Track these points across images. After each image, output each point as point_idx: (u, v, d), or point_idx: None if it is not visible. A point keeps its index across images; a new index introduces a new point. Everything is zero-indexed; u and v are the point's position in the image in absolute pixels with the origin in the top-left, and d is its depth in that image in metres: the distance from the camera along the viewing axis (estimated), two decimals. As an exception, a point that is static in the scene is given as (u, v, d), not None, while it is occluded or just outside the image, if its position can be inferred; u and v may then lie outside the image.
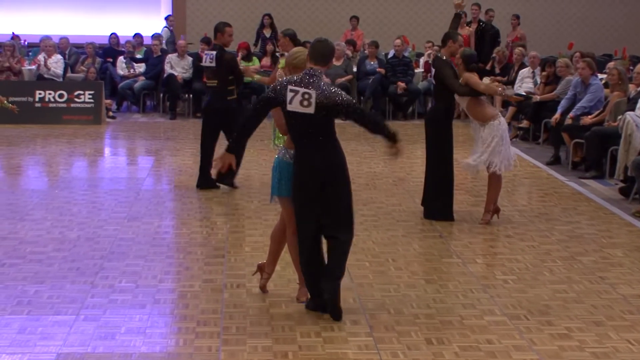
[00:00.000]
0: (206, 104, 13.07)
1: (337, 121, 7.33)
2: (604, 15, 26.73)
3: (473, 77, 10.50)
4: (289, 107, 7.22)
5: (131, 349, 6.75)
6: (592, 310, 7.80)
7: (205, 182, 12.40)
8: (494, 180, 10.75)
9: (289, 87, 7.21)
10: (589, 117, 14.28)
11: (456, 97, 10.73)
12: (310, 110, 7.16)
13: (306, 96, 7.15)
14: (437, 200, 10.88)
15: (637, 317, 7.66)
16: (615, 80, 14.27)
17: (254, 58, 20.42)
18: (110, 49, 21.81)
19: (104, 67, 20.97)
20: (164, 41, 22.60)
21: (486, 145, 10.48)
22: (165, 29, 23.59)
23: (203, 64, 12.62)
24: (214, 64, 12.10)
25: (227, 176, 11.85)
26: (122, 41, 22.06)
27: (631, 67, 17.37)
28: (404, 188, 12.66)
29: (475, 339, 7.08)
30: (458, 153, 15.61)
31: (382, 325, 7.32)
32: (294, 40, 11.39)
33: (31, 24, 24.82)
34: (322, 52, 7.36)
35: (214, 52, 12.17)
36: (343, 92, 7.30)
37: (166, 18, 24.04)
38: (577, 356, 6.79)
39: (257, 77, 14.06)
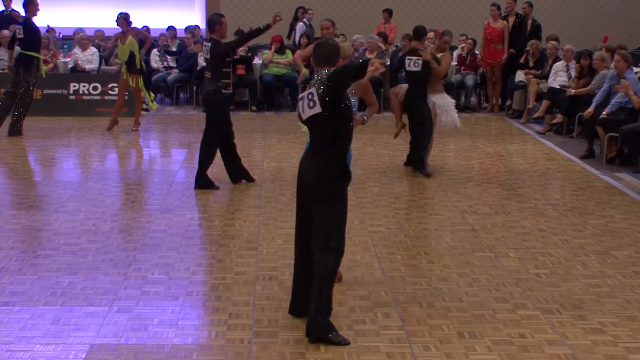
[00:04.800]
0: None
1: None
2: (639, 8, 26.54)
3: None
4: (303, 117, 6.85)
5: (163, 341, 6.79)
6: (626, 305, 7.75)
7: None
8: None
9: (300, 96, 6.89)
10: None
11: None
12: (317, 109, 6.70)
13: (310, 96, 6.74)
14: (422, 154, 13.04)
15: (672, 312, 7.62)
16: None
17: (287, 51, 20.44)
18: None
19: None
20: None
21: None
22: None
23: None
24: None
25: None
26: (156, 34, 22.03)
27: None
28: (437, 181, 12.62)
29: (507, 333, 7.06)
30: (491, 146, 15.62)
31: (414, 319, 7.31)
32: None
33: (66, 17, 24.98)
34: (326, 55, 6.90)
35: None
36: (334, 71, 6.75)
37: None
38: (610, 351, 6.76)
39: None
